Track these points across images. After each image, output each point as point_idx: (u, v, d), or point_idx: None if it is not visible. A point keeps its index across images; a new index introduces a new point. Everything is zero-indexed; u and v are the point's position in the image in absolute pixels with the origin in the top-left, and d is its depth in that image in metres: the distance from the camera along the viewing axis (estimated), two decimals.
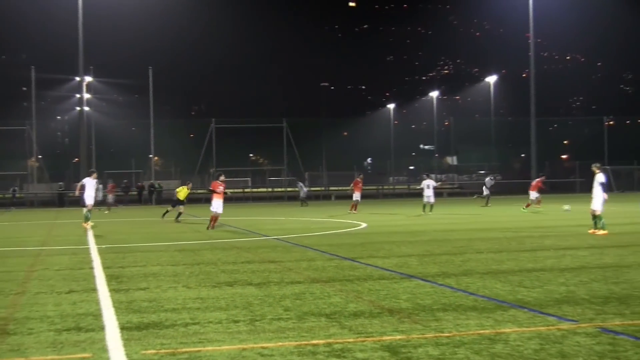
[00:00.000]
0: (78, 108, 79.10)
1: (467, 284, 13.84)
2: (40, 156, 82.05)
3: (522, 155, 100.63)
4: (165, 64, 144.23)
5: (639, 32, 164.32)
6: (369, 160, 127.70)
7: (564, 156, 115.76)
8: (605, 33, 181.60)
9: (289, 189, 78.44)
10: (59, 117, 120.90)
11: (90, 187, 31.84)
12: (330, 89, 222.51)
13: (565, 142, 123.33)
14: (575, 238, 23.35)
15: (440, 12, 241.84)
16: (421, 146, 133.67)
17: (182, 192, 38.54)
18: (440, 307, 11.33)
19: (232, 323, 10.41)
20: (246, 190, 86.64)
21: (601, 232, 24.24)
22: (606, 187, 25.03)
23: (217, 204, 30.21)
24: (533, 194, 44.34)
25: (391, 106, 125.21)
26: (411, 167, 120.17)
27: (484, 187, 51.39)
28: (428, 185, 41.81)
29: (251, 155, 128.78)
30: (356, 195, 44.39)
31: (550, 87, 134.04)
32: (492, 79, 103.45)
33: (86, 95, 78.37)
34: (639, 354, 8.34)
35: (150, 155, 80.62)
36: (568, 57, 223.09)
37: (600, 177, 24.92)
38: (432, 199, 41.55)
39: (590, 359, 8.20)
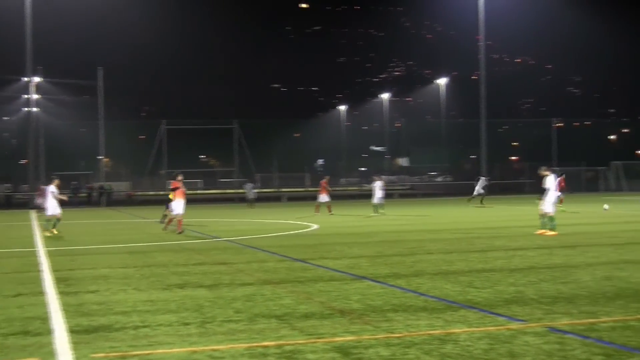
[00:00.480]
0: (26, 109, 78.08)
1: (418, 284, 13.91)
2: None
3: (473, 156, 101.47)
4: (115, 64, 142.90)
5: (587, 35, 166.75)
6: (320, 161, 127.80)
7: (513, 157, 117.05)
8: (555, 36, 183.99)
9: (240, 191, 78.28)
10: (6, 118, 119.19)
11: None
12: (282, 90, 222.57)
13: (514, 143, 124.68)
14: (525, 239, 23.56)
15: (392, 14, 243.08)
16: (372, 147, 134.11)
17: None
18: (391, 308, 11.37)
19: (182, 325, 10.35)
20: (198, 192, 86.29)
21: (551, 232, 24.49)
22: (557, 188, 25.25)
23: (178, 205, 29.46)
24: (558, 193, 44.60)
25: (343, 108, 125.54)
26: (363, 169, 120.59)
27: (478, 187, 51.38)
28: (379, 187, 42.19)
29: (202, 156, 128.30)
30: (323, 197, 44.22)
31: (501, 89, 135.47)
32: (443, 81, 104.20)
33: (34, 96, 77.35)
34: (586, 352, 8.45)
35: (100, 157, 79.84)
36: (518, 60, 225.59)
37: (550, 179, 25.12)
38: (382, 200, 42.00)
39: (538, 358, 8.28)
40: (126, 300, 12.70)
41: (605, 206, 42.39)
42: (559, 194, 44.15)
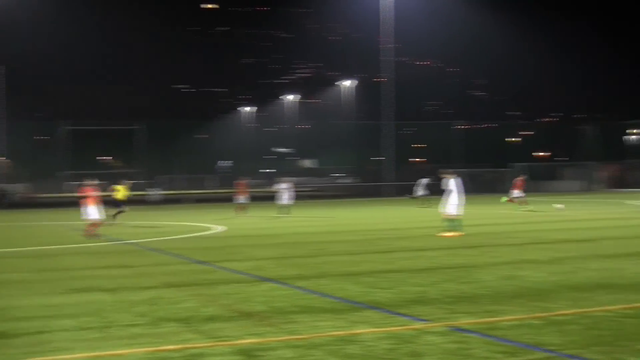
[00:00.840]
0: None
1: (323, 285, 13.95)
2: None
3: (381, 158, 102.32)
4: (14, 62, 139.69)
5: (494, 40, 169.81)
6: (224, 163, 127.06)
7: (418, 159, 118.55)
8: (462, 40, 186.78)
9: (143, 193, 77.29)
10: None
11: None
12: (187, 91, 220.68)
13: (420, 145, 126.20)
14: (429, 239, 23.84)
15: (301, 16, 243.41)
16: (277, 149, 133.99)
17: (121, 192, 37.80)
18: (296, 310, 11.37)
19: (83, 330, 10.16)
20: (103, 194, 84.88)
21: (455, 233, 24.72)
22: (461, 190, 25.42)
23: (93, 210, 28.10)
24: (516, 193, 44.77)
25: (249, 109, 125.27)
26: (269, 170, 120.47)
27: (419, 188, 51.64)
28: (284, 188, 42.29)
29: (105, 158, 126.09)
30: (242, 199, 44.09)
31: (408, 91, 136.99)
32: (350, 83, 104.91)
33: None
34: (487, 351, 8.58)
35: None
36: (426, 62, 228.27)
37: (452, 182, 25.34)
38: (289, 202, 42.13)
39: (441, 357, 8.38)
40: (27, 305, 12.41)
41: (558, 206, 43.14)
42: (522, 194, 44.79)
